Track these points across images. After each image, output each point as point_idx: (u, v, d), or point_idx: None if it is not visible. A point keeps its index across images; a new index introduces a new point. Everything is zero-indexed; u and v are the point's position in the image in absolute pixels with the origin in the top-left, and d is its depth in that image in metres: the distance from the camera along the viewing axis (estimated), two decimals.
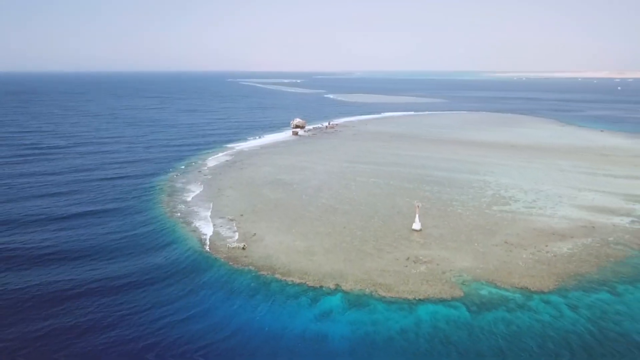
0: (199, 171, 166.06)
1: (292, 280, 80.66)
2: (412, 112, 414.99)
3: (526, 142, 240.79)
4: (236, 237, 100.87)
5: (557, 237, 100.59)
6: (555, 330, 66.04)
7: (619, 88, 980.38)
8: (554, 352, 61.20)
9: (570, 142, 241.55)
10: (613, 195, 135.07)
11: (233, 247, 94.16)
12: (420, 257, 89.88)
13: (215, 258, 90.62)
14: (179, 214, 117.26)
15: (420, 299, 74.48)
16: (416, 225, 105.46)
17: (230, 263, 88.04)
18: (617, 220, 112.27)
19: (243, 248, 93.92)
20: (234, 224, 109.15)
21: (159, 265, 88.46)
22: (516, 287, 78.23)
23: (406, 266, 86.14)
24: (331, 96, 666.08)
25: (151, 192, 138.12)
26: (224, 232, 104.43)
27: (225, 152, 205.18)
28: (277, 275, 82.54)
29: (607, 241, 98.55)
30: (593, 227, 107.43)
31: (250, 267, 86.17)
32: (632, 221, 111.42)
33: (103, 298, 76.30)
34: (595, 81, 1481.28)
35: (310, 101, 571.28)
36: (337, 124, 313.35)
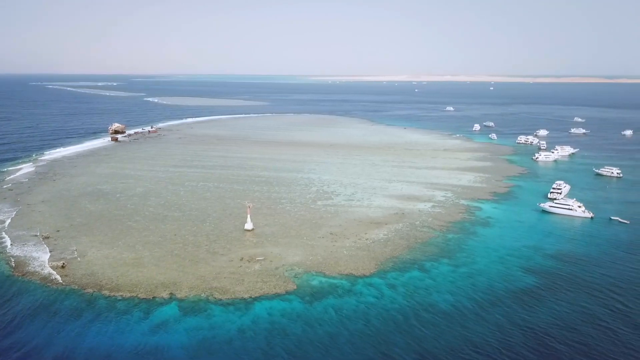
0: (4, 186, 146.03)
1: (121, 295, 76.29)
2: (238, 115, 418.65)
3: (343, 140, 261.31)
4: (53, 255, 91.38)
5: (374, 225, 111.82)
6: (378, 309, 73.72)
7: (416, 90, 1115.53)
8: (378, 329, 68.32)
9: (380, 139, 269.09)
10: (417, 184, 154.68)
11: (50, 267, 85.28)
12: (254, 256, 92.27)
13: (30, 282, 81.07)
14: None
15: (255, 297, 76.64)
16: (248, 225, 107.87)
17: (49, 285, 79.66)
18: (421, 206, 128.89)
19: (62, 267, 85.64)
20: (50, 242, 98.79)
21: None
22: (343, 274, 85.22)
23: (240, 266, 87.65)
24: (153, 99, 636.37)
25: None
26: (38, 251, 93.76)
27: (35, 164, 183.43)
28: (105, 292, 77.27)
29: (414, 225, 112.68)
30: (403, 213, 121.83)
31: (73, 285, 79.12)
32: (433, 206, 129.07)
33: None
34: (396, 84, 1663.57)
35: (130, 105, 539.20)
36: (160, 128, 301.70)
